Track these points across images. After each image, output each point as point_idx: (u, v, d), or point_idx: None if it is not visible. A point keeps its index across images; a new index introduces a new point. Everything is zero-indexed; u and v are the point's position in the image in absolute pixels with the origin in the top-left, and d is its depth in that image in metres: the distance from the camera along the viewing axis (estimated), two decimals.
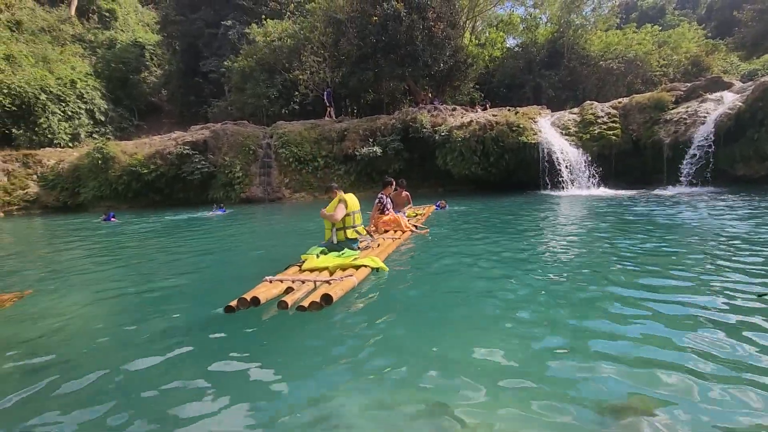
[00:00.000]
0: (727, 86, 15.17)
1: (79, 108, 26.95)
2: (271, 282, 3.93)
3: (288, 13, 28.85)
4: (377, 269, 4.60)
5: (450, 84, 24.06)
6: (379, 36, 19.86)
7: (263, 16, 28.02)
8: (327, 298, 3.48)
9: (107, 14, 35.92)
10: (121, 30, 35.86)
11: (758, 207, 8.25)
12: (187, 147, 19.67)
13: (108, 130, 28.15)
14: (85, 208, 19.89)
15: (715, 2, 45.68)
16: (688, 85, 16.20)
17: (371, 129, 19.59)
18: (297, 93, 24.81)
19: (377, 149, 18.35)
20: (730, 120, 12.81)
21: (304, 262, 4.64)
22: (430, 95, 23.40)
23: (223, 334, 3.14)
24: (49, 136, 24.60)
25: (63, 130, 25.48)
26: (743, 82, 16.13)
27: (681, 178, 13.46)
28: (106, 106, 28.77)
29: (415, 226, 7.46)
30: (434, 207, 11.10)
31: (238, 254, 7.05)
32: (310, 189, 19.75)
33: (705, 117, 13.53)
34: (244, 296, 3.46)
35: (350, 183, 18.72)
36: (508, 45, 28.93)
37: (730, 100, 13.64)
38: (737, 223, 6.55)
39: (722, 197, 10.33)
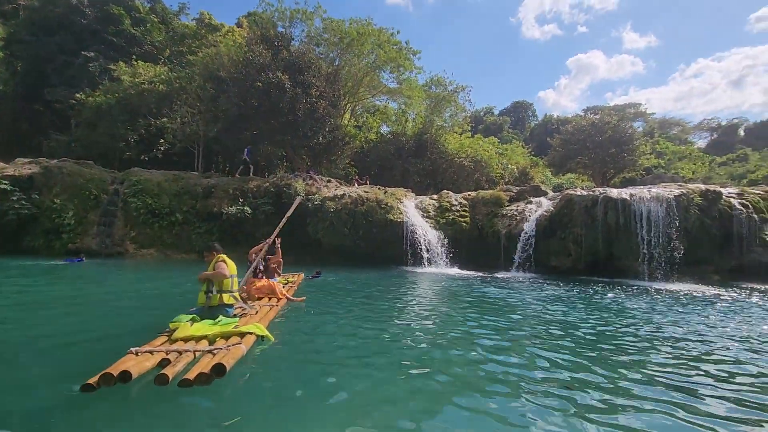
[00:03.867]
0: (544, 194, 19.12)
1: None
2: (138, 354, 3.27)
3: (163, 59, 27.41)
4: (262, 337, 4.27)
5: (327, 157, 25.14)
6: (261, 100, 20.06)
7: (134, 57, 26.05)
8: (219, 369, 3.07)
9: None
10: None
11: (565, 292, 10.17)
12: (5, 181, 15.95)
13: None
14: None
15: (536, 129, 60.01)
16: (518, 188, 19.99)
17: (242, 189, 18.85)
18: (162, 141, 22.87)
19: (247, 209, 17.60)
20: (546, 221, 16.01)
21: (173, 330, 4.04)
22: (307, 164, 23.96)
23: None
24: None
25: None
26: (554, 192, 20.58)
27: (513, 265, 15.93)
28: None
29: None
30: (308, 276, 11.09)
31: (81, 318, 5.75)
32: (161, 246, 17.56)
33: (529, 216, 16.66)
34: (108, 371, 2.80)
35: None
36: (382, 131, 32.18)
37: (546, 205, 17.14)
38: (548, 305, 7.94)
39: (539, 283, 12.47)
